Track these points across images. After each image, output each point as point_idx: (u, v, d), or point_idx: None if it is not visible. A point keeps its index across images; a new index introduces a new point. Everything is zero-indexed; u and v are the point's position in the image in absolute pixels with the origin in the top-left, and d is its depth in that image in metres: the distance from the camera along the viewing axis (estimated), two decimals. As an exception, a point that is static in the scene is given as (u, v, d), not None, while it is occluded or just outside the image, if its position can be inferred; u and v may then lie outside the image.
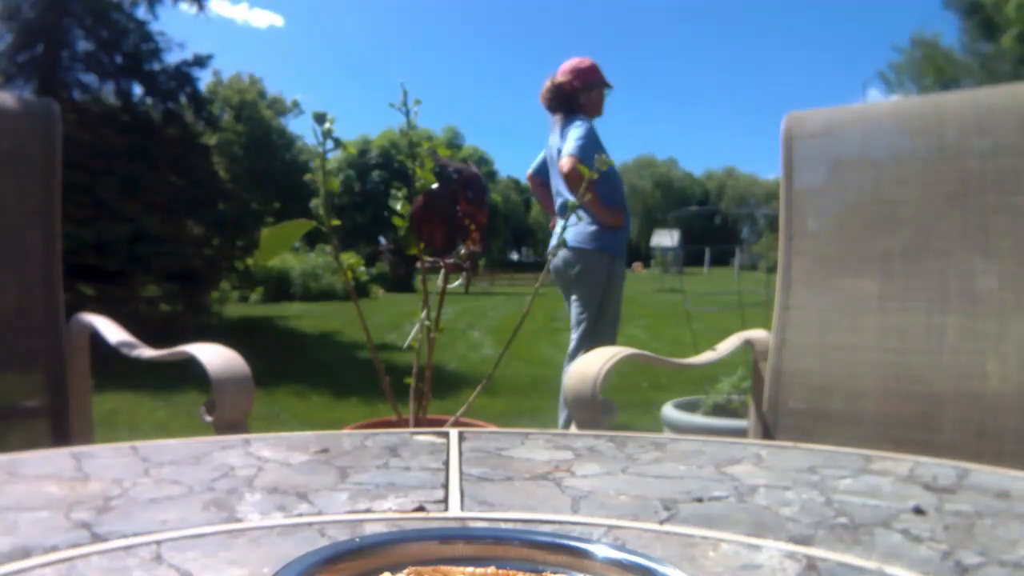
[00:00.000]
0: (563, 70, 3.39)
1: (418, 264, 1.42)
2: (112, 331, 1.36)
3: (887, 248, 1.36)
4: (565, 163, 3.06)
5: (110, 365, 1.67)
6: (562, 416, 3.01)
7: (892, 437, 1.29)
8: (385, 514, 0.60)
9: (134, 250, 8.29)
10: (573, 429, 1.19)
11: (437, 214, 1.33)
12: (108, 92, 9.68)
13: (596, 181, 1.59)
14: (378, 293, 17.25)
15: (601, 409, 1.21)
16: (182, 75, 9.92)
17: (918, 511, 0.63)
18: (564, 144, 3.14)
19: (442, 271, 1.41)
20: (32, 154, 1.36)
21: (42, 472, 0.69)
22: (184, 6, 9.86)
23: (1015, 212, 1.24)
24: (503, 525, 0.58)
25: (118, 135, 8.81)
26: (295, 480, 0.68)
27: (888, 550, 0.55)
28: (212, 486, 0.66)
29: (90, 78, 9.52)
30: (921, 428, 1.28)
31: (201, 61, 10.13)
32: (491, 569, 0.40)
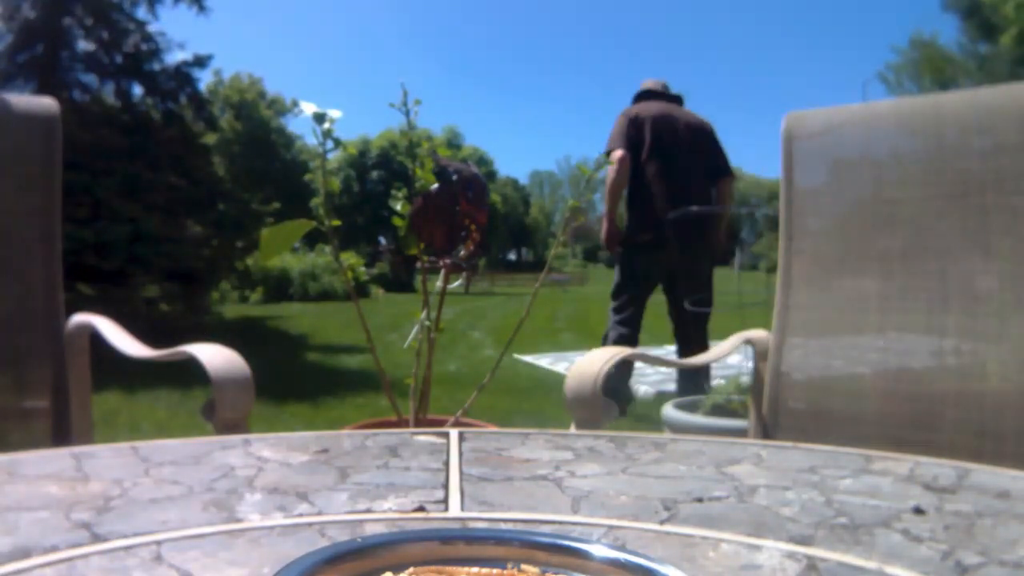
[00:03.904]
0: None
1: (418, 264, 1.42)
2: (112, 331, 1.36)
3: (887, 248, 1.36)
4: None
5: (110, 365, 1.67)
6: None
7: (892, 437, 1.29)
8: (385, 514, 0.60)
9: (134, 250, 8.28)
10: (573, 429, 1.19)
11: (437, 214, 1.33)
12: (108, 92, 9.67)
13: None
14: (378, 293, 17.24)
15: (601, 409, 1.21)
16: (182, 75, 9.91)
17: (918, 511, 0.63)
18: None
19: (442, 271, 1.41)
20: (32, 154, 1.36)
21: (42, 472, 0.69)
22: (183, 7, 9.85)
23: (1015, 212, 1.24)
24: (503, 525, 0.58)
25: (118, 135, 8.81)
26: (295, 480, 0.68)
27: (888, 550, 0.55)
28: (212, 486, 0.66)
29: (90, 78, 9.52)
30: (921, 428, 1.28)
31: (201, 61, 10.13)
32: (495, 570, 0.40)
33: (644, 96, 4.26)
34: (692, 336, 4.14)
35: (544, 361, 6.93)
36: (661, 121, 4.05)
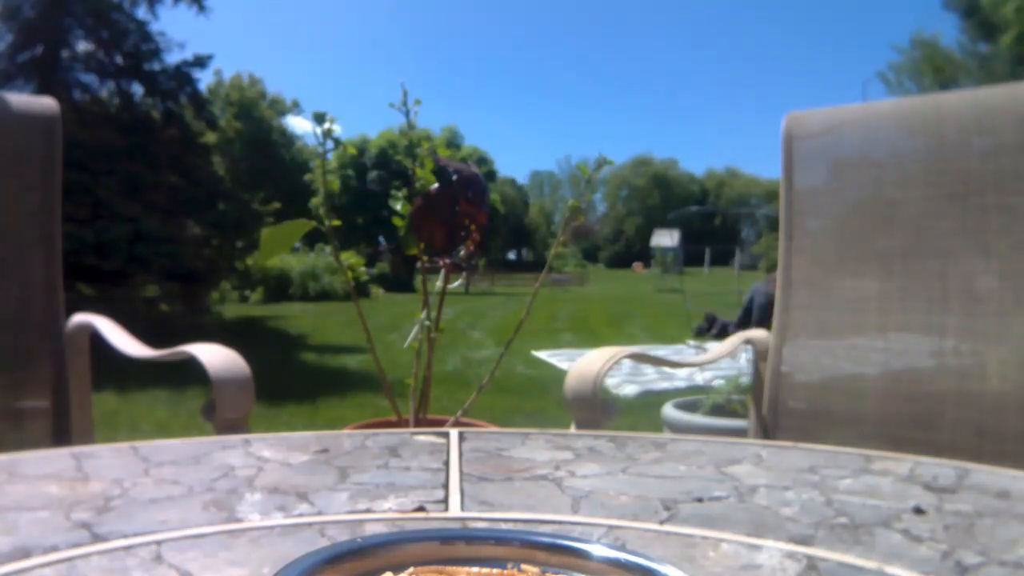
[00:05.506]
0: None
1: (418, 264, 1.42)
2: (112, 331, 1.36)
3: (887, 248, 1.36)
4: None
5: (110, 365, 1.67)
6: None
7: (892, 437, 1.29)
8: (385, 514, 0.60)
9: (134, 250, 8.29)
10: (573, 429, 1.19)
11: (437, 214, 1.33)
12: (108, 92, 9.68)
13: None
14: (378, 293, 17.25)
15: (601, 409, 1.21)
16: (182, 75, 9.92)
17: (918, 511, 0.63)
18: None
19: (442, 271, 1.41)
20: (32, 154, 1.36)
21: (42, 472, 0.69)
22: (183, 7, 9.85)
23: (1015, 212, 1.24)
24: (503, 525, 0.58)
25: (118, 135, 8.81)
26: (295, 480, 0.68)
27: (888, 550, 0.55)
28: (212, 486, 0.66)
29: (90, 78, 9.53)
30: (921, 428, 1.28)
31: (201, 61, 10.13)
32: (495, 570, 0.40)
33: None
34: None
35: (545, 358, 6.96)
36: None
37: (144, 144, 8.99)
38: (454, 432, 0.89)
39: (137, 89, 9.83)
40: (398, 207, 1.38)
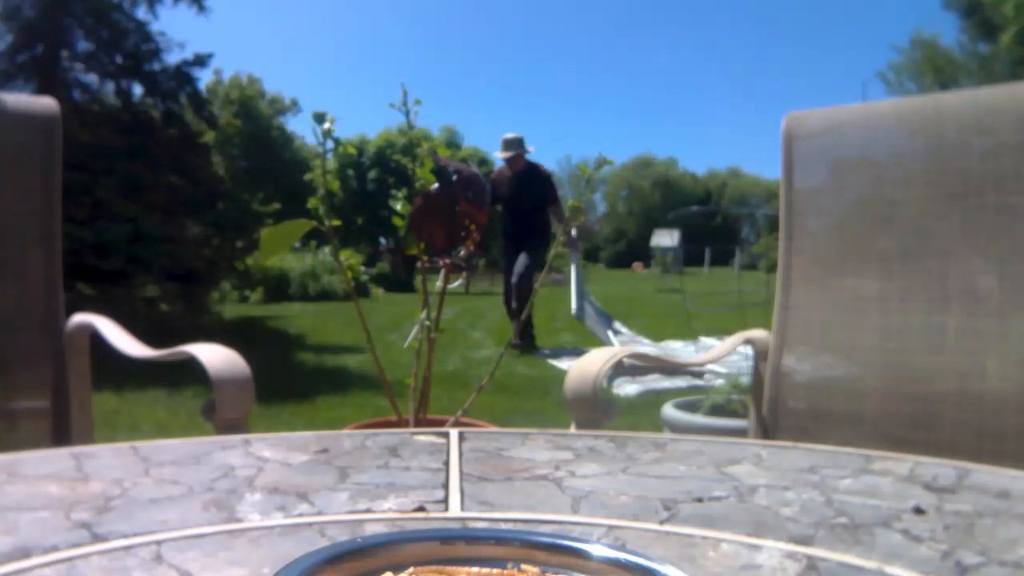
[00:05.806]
0: None
1: (418, 264, 1.42)
2: (112, 331, 1.36)
3: (887, 248, 1.36)
4: None
5: (110, 365, 1.67)
6: None
7: (892, 437, 1.29)
8: (385, 514, 0.60)
9: (134, 250, 8.28)
10: (573, 429, 1.19)
11: (437, 214, 1.33)
12: (108, 92, 9.67)
13: None
14: (378, 293, 17.24)
15: (601, 409, 1.21)
16: (182, 75, 9.91)
17: (918, 511, 0.63)
18: None
19: (442, 271, 1.41)
20: (32, 154, 1.36)
21: (42, 472, 0.69)
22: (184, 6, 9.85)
23: (1015, 212, 1.24)
24: (503, 525, 0.58)
25: (118, 135, 8.80)
26: (295, 480, 0.68)
27: (888, 550, 0.55)
28: (212, 486, 0.66)
29: (90, 78, 9.52)
30: (921, 428, 1.28)
31: (201, 61, 10.13)
32: (495, 570, 0.40)
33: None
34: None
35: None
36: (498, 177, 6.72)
37: (144, 144, 8.98)
38: (454, 432, 0.89)
39: (137, 89, 9.82)
40: (398, 207, 1.38)
